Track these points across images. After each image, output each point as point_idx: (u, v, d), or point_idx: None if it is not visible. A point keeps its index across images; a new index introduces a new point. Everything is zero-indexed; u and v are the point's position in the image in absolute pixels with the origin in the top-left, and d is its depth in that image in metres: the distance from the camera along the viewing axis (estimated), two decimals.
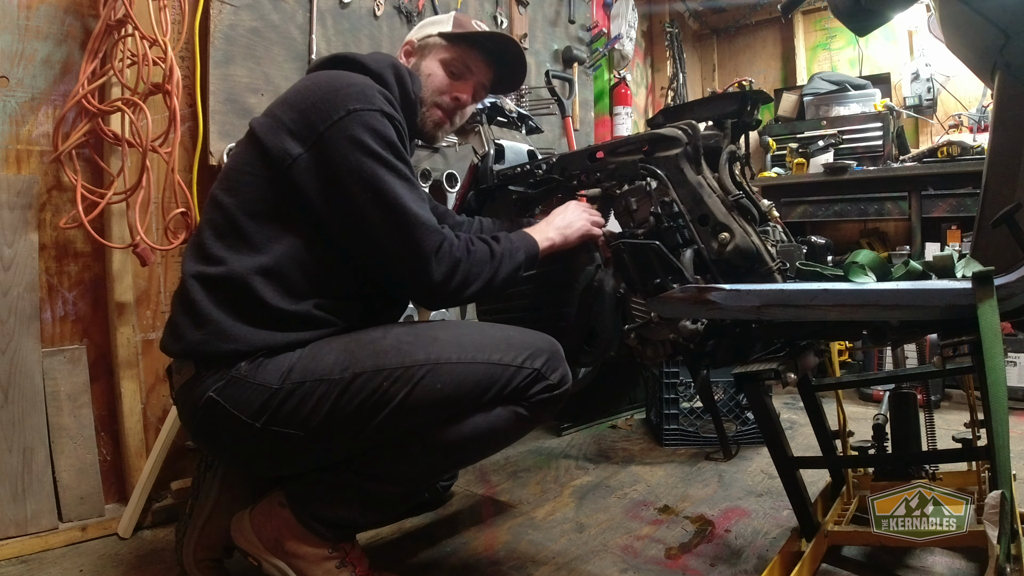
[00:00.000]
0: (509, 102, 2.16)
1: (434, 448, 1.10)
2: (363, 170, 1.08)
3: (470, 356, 1.09)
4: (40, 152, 1.52)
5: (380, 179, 1.09)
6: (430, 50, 1.33)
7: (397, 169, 1.11)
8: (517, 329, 1.18)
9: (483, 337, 1.13)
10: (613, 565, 1.36)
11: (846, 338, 1.25)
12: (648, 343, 1.32)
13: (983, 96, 2.98)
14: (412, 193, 1.12)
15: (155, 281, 1.69)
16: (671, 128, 1.29)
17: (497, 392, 1.09)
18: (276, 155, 1.10)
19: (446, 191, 2.17)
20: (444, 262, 1.12)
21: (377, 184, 1.08)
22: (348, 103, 1.09)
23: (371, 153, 1.08)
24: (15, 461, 1.43)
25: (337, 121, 1.08)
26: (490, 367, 1.09)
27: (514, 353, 1.11)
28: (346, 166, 1.08)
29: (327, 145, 1.08)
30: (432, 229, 1.12)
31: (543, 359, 1.12)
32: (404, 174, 1.12)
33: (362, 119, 1.09)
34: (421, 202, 1.13)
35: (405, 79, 1.26)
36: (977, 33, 1.11)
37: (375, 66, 1.22)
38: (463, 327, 1.18)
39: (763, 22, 3.82)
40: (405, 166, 1.13)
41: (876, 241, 3.28)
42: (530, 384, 1.11)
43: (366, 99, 1.11)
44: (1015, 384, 2.54)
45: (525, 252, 1.25)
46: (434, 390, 1.06)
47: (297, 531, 1.11)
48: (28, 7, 1.49)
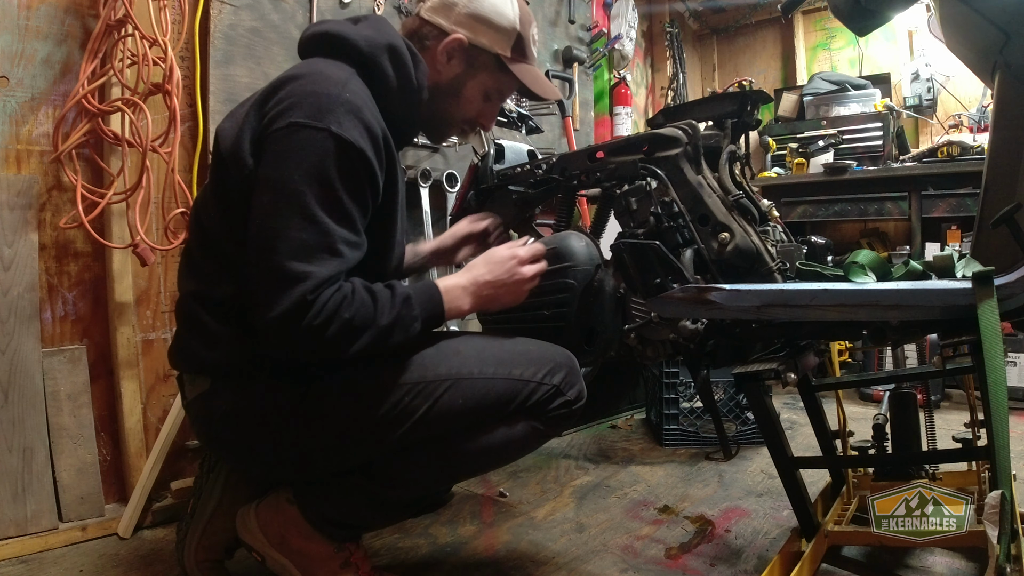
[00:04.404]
0: (509, 102, 2.16)
1: (449, 457, 1.11)
2: (262, 197, 0.97)
3: (491, 371, 1.09)
4: (40, 152, 1.52)
5: (273, 210, 0.96)
6: (478, 72, 1.19)
7: (303, 204, 0.95)
8: (537, 343, 1.17)
9: (503, 352, 1.12)
10: (613, 565, 1.36)
11: (846, 338, 1.25)
12: (648, 343, 1.32)
13: (983, 96, 2.98)
14: (304, 235, 0.94)
15: (155, 281, 1.69)
16: (671, 128, 1.29)
17: (517, 407, 1.09)
18: (231, 162, 1.02)
19: (446, 191, 2.17)
20: (310, 313, 0.93)
21: (266, 215, 0.96)
22: (294, 114, 0.97)
23: (284, 176, 0.96)
24: (15, 461, 1.43)
25: (273, 132, 0.98)
26: (511, 383, 1.08)
27: (534, 368, 1.10)
28: (260, 182, 0.98)
29: (260, 153, 0.99)
30: (297, 290, 0.92)
31: (562, 375, 1.12)
32: (308, 211, 0.95)
33: (298, 138, 0.96)
34: (317, 251, 0.95)
35: (406, 64, 1.11)
36: (977, 33, 1.11)
37: (367, 48, 1.08)
38: (484, 340, 1.18)
39: (763, 22, 3.82)
40: (325, 199, 0.96)
41: (876, 241, 3.28)
42: (549, 400, 1.10)
43: (316, 113, 0.97)
44: (1015, 384, 2.54)
45: (423, 322, 1.06)
46: (455, 404, 1.06)
47: (304, 529, 1.11)
48: (28, 7, 1.49)
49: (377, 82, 1.08)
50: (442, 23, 1.16)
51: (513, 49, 1.19)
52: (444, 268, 1.51)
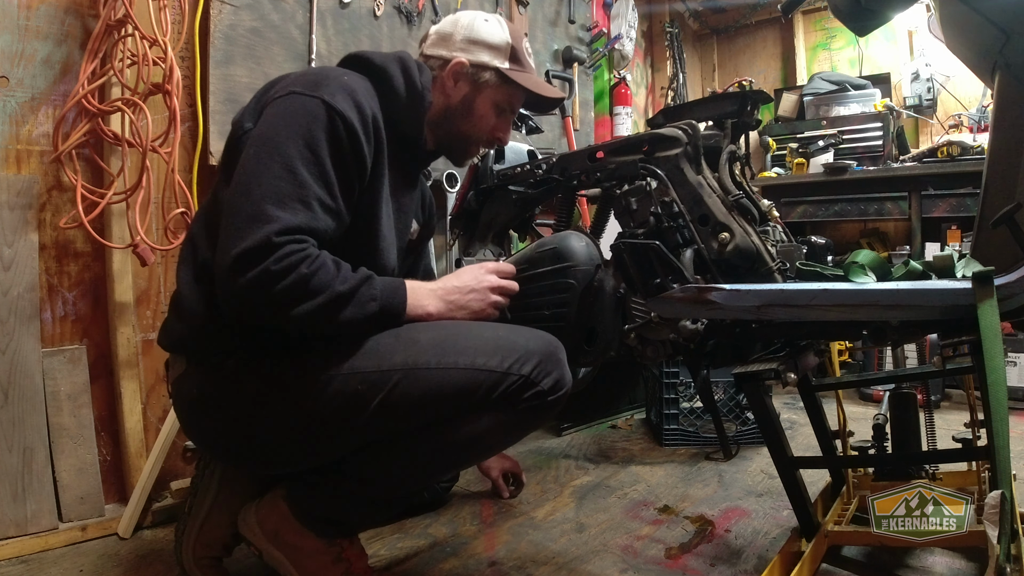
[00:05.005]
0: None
1: (421, 453, 1.09)
2: (250, 149, 1.02)
3: (450, 361, 1.04)
4: (40, 152, 1.52)
5: (257, 160, 1.00)
6: (484, 88, 1.26)
7: (287, 159, 0.99)
8: (511, 328, 1.13)
9: (468, 340, 1.07)
10: (613, 565, 1.36)
11: (846, 338, 1.25)
12: (648, 343, 1.32)
13: (983, 96, 2.98)
14: (282, 184, 0.97)
15: (155, 281, 1.69)
16: (671, 128, 1.29)
17: (482, 398, 1.05)
18: (234, 135, 1.10)
19: (446, 191, 2.17)
20: (257, 266, 0.93)
21: (254, 163, 1.00)
22: (294, 87, 1.06)
23: (274, 131, 1.02)
24: (15, 461, 1.43)
25: (272, 99, 1.07)
26: (472, 372, 1.04)
27: (500, 357, 1.05)
28: (251, 139, 1.04)
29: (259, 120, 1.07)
30: (269, 229, 0.93)
31: (532, 363, 1.06)
32: (293, 166, 0.99)
33: (292, 101, 1.04)
34: (293, 201, 0.97)
35: (411, 70, 1.20)
36: (977, 33, 1.11)
37: (379, 60, 1.19)
38: (450, 328, 1.11)
39: (763, 22, 3.82)
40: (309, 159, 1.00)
41: (876, 241, 3.28)
42: (518, 391, 1.05)
43: (313, 87, 1.05)
44: (1015, 384, 2.54)
45: (381, 305, 1.05)
46: (410, 396, 1.03)
47: (295, 525, 1.12)
48: (28, 7, 1.49)
49: (386, 88, 1.17)
50: (443, 53, 1.27)
51: (510, 60, 1.27)
52: None
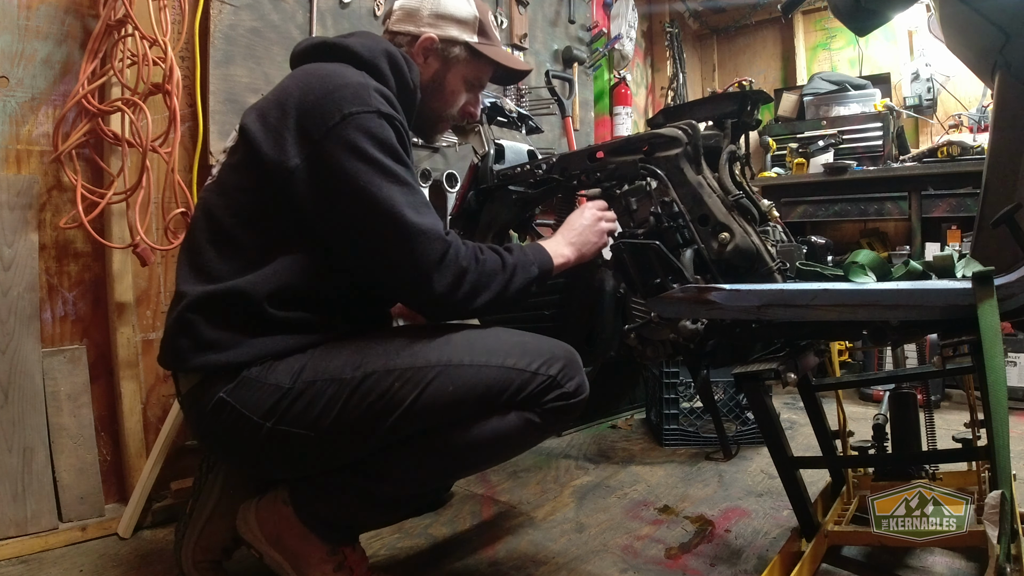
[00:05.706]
0: (509, 102, 2.15)
1: (443, 452, 1.09)
2: (359, 179, 1.04)
3: (483, 359, 1.07)
4: (40, 152, 1.52)
5: (376, 187, 1.04)
6: (454, 63, 1.28)
7: (395, 175, 1.06)
8: (534, 335, 1.16)
9: (498, 342, 1.11)
10: (613, 565, 1.36)
11: (846, 338, 1.25)
12: (648, 343, 1.32)
13: (983, 96, 2.98)
14: (411, 198, 1.07)
15: (155, 281, 1.69)
16: (671, 128, 1.29)
17: (510, 397, 1.07)
18: (272, 166, 1.06)
19: (446, 191, 2.17)
20: (449, 271, 1.06)
21: (373, 193, 1.04)
22: (343, 106, 1.05)
23: (367, 159, 1.04)
24: (15, 461, 1.43)
25: (333, 128, 1.04)
26: (503, 371, 1.07)
27: (529, 359, 1.09)
28: (342, 175, 1.04)
29: (323, 153, 1.04)
30: (434, 236, 1.06)
31: (559, 366, 1.10)
32: (403, 179, 1.07)
33: (358, 123, 1.05)
34: (423, 207, 1.08)
35: (402, 68, 1.20)
36: (977, 33, 1.11)
37: (367, 55, 1.16)
38: (479, 331, 1.15)
39: (763, 22, 3.82)
40: (404, 169, 1.08)
41: (876, 241, 3.28)
42: (544, 391, 1.08)
43: (361, 100, 1.06)
44: (1015, 384, 2.54)
45: (539, 267, 1.18)
46: (445, 392, 1.04)
47: (298, 529, 1.11)
48: (28, 7, 1.49)
49: (381, 84, 1.15)
50: (410, 29, 1.27)
51: (479, 33, 1.29)
52: None
